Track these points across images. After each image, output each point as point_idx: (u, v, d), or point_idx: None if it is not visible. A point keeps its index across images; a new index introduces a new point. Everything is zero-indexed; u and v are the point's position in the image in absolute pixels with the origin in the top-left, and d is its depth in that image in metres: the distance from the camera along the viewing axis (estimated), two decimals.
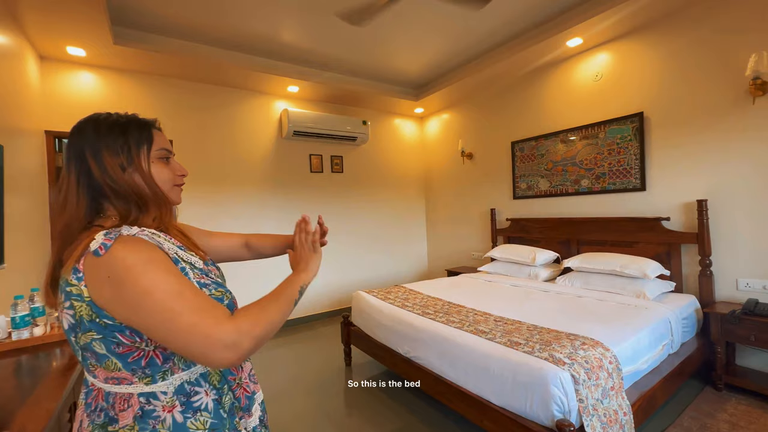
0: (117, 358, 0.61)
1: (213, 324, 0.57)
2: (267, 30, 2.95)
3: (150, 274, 0.58)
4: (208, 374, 0.69)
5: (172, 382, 0.64)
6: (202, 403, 0.66)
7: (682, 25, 2.56)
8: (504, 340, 1.73)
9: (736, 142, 2.34)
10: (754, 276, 2.32)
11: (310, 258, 0.87)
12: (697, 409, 2.07)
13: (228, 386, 0.71)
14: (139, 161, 0.69)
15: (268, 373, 2.83)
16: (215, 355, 0.57)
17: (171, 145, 0.78)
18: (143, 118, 0.75)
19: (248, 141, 3.77)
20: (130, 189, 0.68)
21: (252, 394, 0.77)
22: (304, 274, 0.83)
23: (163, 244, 0.66)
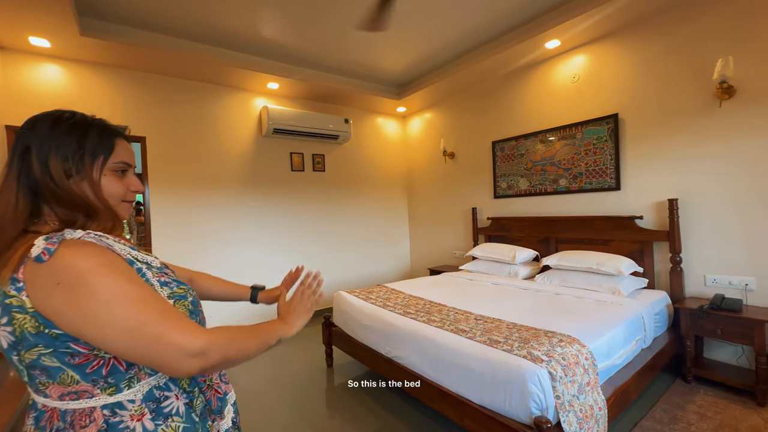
0: (74, 370, 0.56)
1: (180, 331, 0.55)
2: (246, 25, 2.87)
3: (106, 279, 0.54)
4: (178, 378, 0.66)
5: (140, 389, 0.60)
6: (173, 408, 0.63)
7: (654, 30, 2.64)
8: (484, 339, 1.74)
9: (705, 144, 2.43)
10: (720, 272, 2.41)
11: (302, 315, 0.84)
12: (668, 401, 2.14)
13: (199, 389, 0.69)
14: (90, 171, 0.64)
15: (247, 376, 2.76)
16: (180, 363, 0.55)
17: (133, 159, 0.73)
18: (110, 126, 0.70)
19: (226, 138, 3.67)
20: (73, 197, 0.62)
21: (224, 395, 0.75)
22: (288, 327, 0.79)
23: (113, 246, 0.62)
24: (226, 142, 3.67)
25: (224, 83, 3.60)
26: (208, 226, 3.52)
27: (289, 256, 4.03)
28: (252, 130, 3.84)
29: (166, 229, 3.26)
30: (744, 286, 2.31)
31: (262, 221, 3.86)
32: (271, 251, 3.90)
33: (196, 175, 3.47)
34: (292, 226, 4.07)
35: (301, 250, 4.12)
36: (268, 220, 3.90)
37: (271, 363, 3.00)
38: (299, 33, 3.04)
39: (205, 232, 3.49)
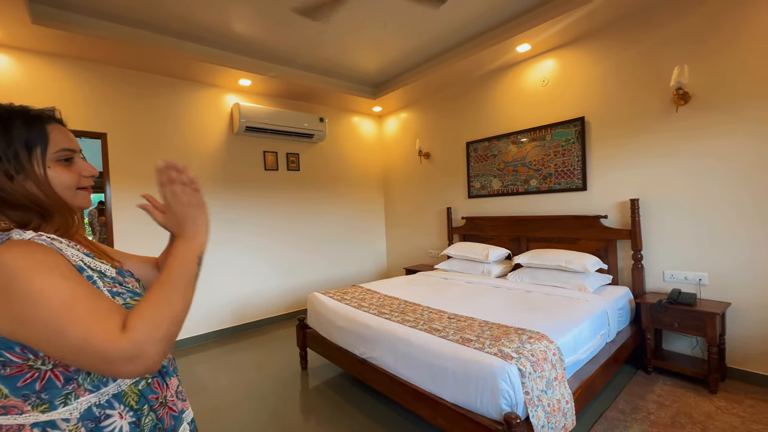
0: (2, 382, 0.52)
1: (105, 338, 0.49)
2: (215, 19, 2.77)
3: (40, 277, 0.50)
4: (124, 395, 0.60)
5: (77, 407, 0.55)
6: (115, 428, 0.58)
7: (617, 38, 2.76)
8: (456, 338, 1.76)
9: (663, 147, 2.57)
10: (677, 268, 2.55)
11: (197, 214, 0.66)
12: (630, 392, 2.25)
13: (149, 406, 0.63)
14: (31, 168, 0.59)
15: (218, 382, 2.68)
16: (120, 370, 0.51)
17: (75, 142, 0.67)
18: (33, 111, 0.63)
19: (195, 136, 3.54)
20: (24, 199, 0.58)
21: (180, 413, 0.70)
22: (195, 241, 0.64)
23: (64, 250, 0.58)
24: (196, 140, 3.54)
25: (193, 78, 3.47)
26: None
27: (262, 257, 3.94)
28: (223, 127, 3.72)
29: (130, 229, 3.10)
30: (698, 281, 2.46)
31: (235, 221, 3.76)
32: (243, 252, 3.80)
33: None
34: (265, 226, 3.98)
35: (274, 251, 4.04)
36: (240, 220, 3.79)
37: (242, 368, 2.92)
38: (272, 29, 2.97)
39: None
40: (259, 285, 3.94)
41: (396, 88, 4.09)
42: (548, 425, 1.48)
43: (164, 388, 0.67)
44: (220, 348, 3.37)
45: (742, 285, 2.29)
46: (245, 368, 2.91)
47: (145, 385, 0.64)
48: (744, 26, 2.21)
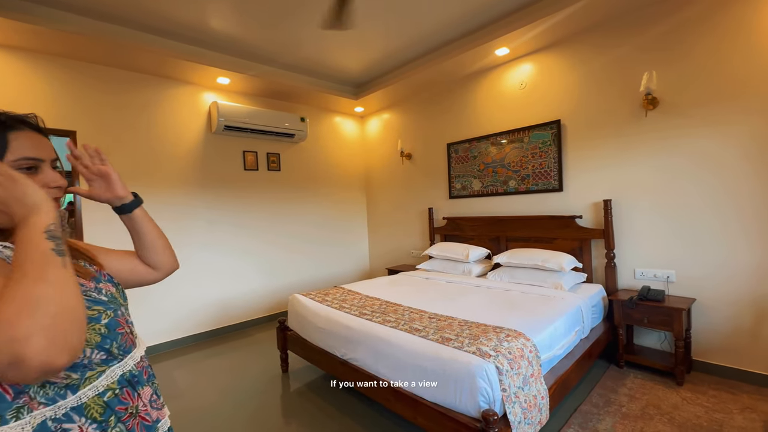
0: None
1: None
2: (192, 16, 2.70)
3: None
4: (86, 407, 0.57)
5: (30, 421, 0.52)
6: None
7: (591, 44, 2.85)
8: (436, 337, 1.78)
9: (633, 150, 2.67)
10: (647, 266, 2.66)
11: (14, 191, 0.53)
12: (603, 386, 2.33)
13: (116, 417, 0.61)
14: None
15: (196, 387, 2.61)
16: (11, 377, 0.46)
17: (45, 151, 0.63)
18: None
19: (172, 134, 3.44)
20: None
21: (154, 422, 0.67)
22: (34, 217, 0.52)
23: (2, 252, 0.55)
24: (172, 139, 3.44)
25: (168, 75, 3.37)
26: None
27: (242, 258, 3.87)
28: (201, 126, 3.63)
29: (100, 229, 2.99)
30: (666, 278, 2.57)
31: (213, 222, 3.67)
32: (222, 253, 3.72)
33: (137, 173, 3.22)
34: (245, 227, 3.91)
35: (255, 252, 3.98)
36: (219, 221, 3.71)
37: (221, 372, 2.86)
38: (252, 28, 2.92)
39: None
40: (239, 287, 3.87)
41: (378, 89, 4.10)
42: (525, 421, 1.52)
43: (135, 398, 0.65)
44: (198, 352, 3.29)
45: (706, 281, 2.41)
46: (224, 372, 2.85)
47: (111, 396, 0.61)
48: (705, 36, 2.33)
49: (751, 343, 2.27)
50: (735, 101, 2.25)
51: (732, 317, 2.33)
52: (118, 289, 0.73)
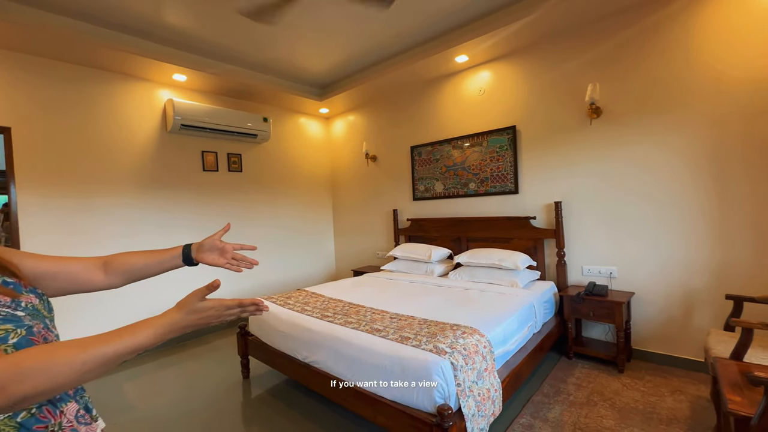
0: None
1: None
2: (145, 9, 2.58)
3: None
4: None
5: None
6: None
7: (544, 55, 3.03)
8: (396, 336, 1.82)
9: (580, 155, 2.87)
10: (593, 263, 2.86)
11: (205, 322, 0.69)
12: (554, 377, 2.48)
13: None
14: None
15: (148, 399, 2.49)
16: None
17: None
18: None
19: (122, 133, 3.25)
20: None
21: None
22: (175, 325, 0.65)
23: None
24: (122, 137, 3.26)
25: (118, 70, 3.19)
26: (99, 233, 3.08)
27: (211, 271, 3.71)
28: (155, 124, 3.46)
29: (38, 234, 2.77)
30: (609, 274, 2.77)
31: (169, 226, 3.51)
32: None
33: (82, 174, 3.02)
34: (205, 230, 3.76)
35: None
36: (176, 224, 3.56)
37: (177, 382, 2.75)
38: (211, 25, 2.83)
39: (95, 239, 3.05)
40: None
41: (342, 91, 4.10)
42: (479, 413, 1.59)
43: (57, 415, 0.61)
44: (153, 362, 3.13)
45: (643, 277, 2.63)
46: (181, 382, 2.74)
47: (26, 416, 0.57)
48: (643, 53, 2.55)
49: (682, 332, 2.51)
50: (670, 113, 2.48)
51: (666, 309, 2.56)
52: (42, 300, 0.69)
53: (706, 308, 2.40)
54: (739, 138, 2.25)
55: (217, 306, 0.71)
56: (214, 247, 0.97)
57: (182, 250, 0.92)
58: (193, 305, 0.69)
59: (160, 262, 0.90)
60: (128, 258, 0.88)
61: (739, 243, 2.28)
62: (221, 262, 0.97)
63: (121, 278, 0.87)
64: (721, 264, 2.34)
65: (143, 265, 0.89)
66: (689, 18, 2.37)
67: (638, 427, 1.89)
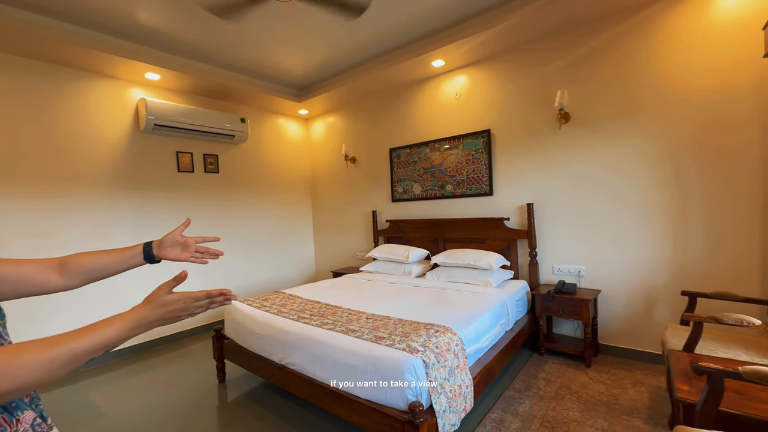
0: None
1: None
2: (115, 6, 2.52)
3: None
4: None
5: None
6: None
7: (517, 61, 3.13)
8: (371, 336, 1.85)
9: (550, 158, 2.98)
10: (563, 262, 2.98)
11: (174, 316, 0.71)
12: (525, 373, 2.57)
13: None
14: None
15: (119, 407, 2.42)
16: None
17: None
18: None
19: (91, 132, 3.15)
20: None
21: None
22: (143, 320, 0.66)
23: None
24: (92, 137, 3.16)
25: (86, 68, 3.09)
26: (67, 236, 2.97)
27: (176, 266, 3.64)
28: (127, 124, 3.37)
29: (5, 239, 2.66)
30: (578, 272, 2.89)
31: (144, 227, 3.42)
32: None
33: (49, 174, 2.91)
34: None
35: None
36: (150, 225, 3.47)
37: (150, 388, 2.68)
38: (185, 23, 2.79)
39: (63, 242, 2.95)
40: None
41: (321, 92, 4.11)
42: (450, 409, 1.64)
43: (13, 424, 0.60)
44: (124, 368, 3.05)
45: (609, 275, 2.76)
46: (154, 388, 2.68)
47: None
48: (608, 63, 2.68)
49: (644, 327, 2.65)
50: (632, 118, 2.61)
51: (630, 305, 2.70)
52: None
53: (666, 304, 2.54)
54: (695, 145, 2.40)
55: (184, 299, 0.72)
56: (176, 242, 0.96)
57: (143, 248, 0.92)
58: (160, 299, 0.70)
59: (121, 260, 0.90)
60: (86, 258, 0.86)
61: (695, 243, 2.43)
62: (185, 256, 0.97)
63: (79, 279, 0.85)
64: (679, 263, 2.49)
65: (103, 265, 0.87)
66: (650, 30, 2.51)
67: (602, 418, 1.99)
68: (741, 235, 2.27)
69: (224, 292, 0.78)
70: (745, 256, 2.26)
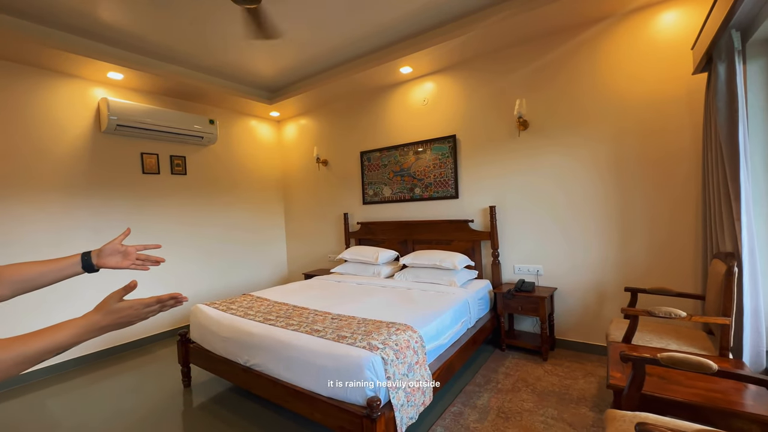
0: None
1: None
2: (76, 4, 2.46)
3: None
4: None
5: None
6: None
7: (481, 69, 3.27)
8: (333, 336, 1.91)
9: (511, 163, 3.14)
10: (523, 262, 3.14)
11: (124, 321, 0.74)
12: (486, 368, 2.69)
13: None
14: None
15: (77, 416, 2.35)
16: None
17: None
18: None
19: (47, 132, 3.04)
20: None
21: None
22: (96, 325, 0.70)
23: None
24: (49, 137, 3.05)
25: (44, 66, 2.99)
26: (21, 242, 2.86)
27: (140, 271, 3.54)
28: (87, 124, 3.27)
29: None
30: (537, 272, 3.06)
31: (105, 230, 3.32)
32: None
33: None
34: (146, 235, 3.60)
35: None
36: (113, 227, 3.37)
37: (112, 395, 2.62)
38: (151, 24, 2.75)
39: (13, 250, 2.83)
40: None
41: (293, 95, 4.13)
42: (408, 403, 1.72)
43: None
44: (84, 376, 2.95)
45: (563, 273, 2.94)
46: (115, 395, 2.61)
47: None
48: (560, 75, 2.86)
49: (595, 321, 2.83)
50: (581, 127, 2.80)
51: (582, 301, 2.88)
52: None
53: (614, 300, 2.74)
54: (635, 152, 2.60)
55: (135, 305, 0.76)
56: (116, 251, 0.99)
57: (81, 258, 0.93)
58: (110, 306, 0.74)
59: (58, 269, 0.90)
60: (18, 269, 0.85)
61: (638, 243, 2.63)
62: (126, 264, 1.00)
63: (9, 289, 0.84)
64: (626, 261, 2.68)
65: (37, 275, 0.87)
66: (596, 47, 2.71)
67: (552, 407, 2.13)
68: (678, 235, 2.48)
69: (175, 295, 0.82)
70: (681, 254, 2.48)
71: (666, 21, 2.47)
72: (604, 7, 2.53)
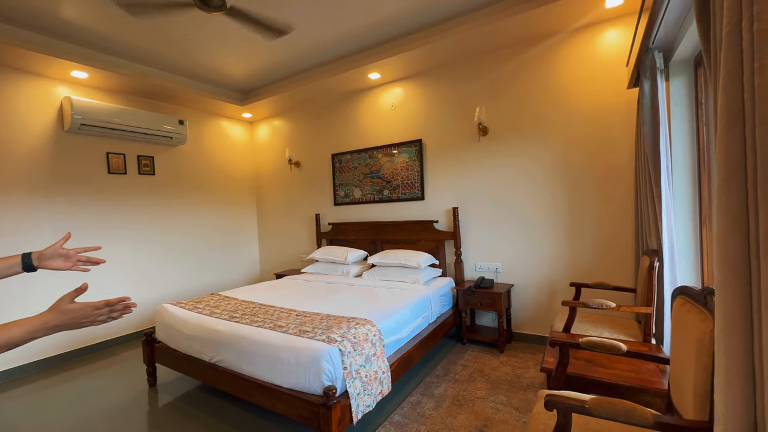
0: None
1: None
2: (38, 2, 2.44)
3: None
4: None
5: None
6: None
7: (445, 77, 3.44)
8: (295, 331, 2.00)
9: (471, 167, 3.31)
10: (483, 260, 3.32)
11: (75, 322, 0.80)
12: (447, 360, 2.84)
13: None
14: None
15: (36, 419, 2.33)
16: None
17: None
18: None
19: (7, 130, 2.98)
20: None
21: None
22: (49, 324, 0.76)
23: None
24: (7, 136, 2.98)
25: (2, 63, 2.93)
26: None
27: (108, 272, 3.51)
28: (49, 123, 3.22)
29: None
30: (495, 269, 3.25)
31: (67, 231, 3.25)
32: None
33: None
34: (111, 234, 3.56)
35: (125, 263, 3.65)
36: (78, 228, 3.32)
37: (74, 398, 2.60)
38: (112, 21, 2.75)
39: None
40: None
41: (265, 97, 4.17)
42: (364, 392, 1.83)
43: None
44: (46, 379, 2.90)
45: (519, 270, 3.14)
46: (78, 397, 2.60)
47: None
48: (516, 85, 3.06)
49: (547, 315, 3.04)
50: (537, 134, 3.00)
51: (536, 296, 3.08)
52: None
53: (563, 294, 2.95)
54: (584, 159, 2.83)
55: (84, 307, 0.83)
56: (57, 254, 1.07)
57: (21, 259, 1.01)
58: (62, 307, 0.81)
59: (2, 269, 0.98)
60: None
61: (585, 242, 2.85)
62: (67, 266, 1.07)
63: None
64: (574, 259, 2.90)
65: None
66: (547, 60, 2.92)
67: (503, 394, 2.30)
68: (620, 235, 2.72)
69: (123, 300, 0.89)
70: (623, 252, 2.71)
71: (608, 39, 2.70)
72: (552, 24, 2.74)
